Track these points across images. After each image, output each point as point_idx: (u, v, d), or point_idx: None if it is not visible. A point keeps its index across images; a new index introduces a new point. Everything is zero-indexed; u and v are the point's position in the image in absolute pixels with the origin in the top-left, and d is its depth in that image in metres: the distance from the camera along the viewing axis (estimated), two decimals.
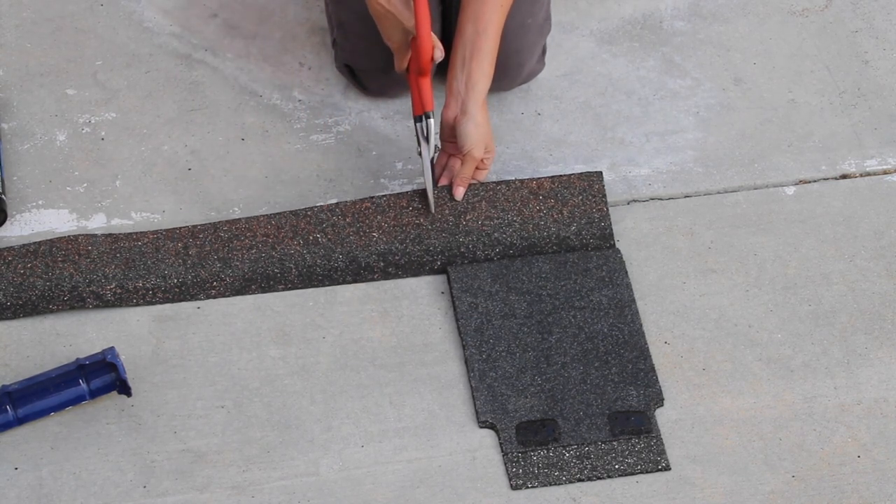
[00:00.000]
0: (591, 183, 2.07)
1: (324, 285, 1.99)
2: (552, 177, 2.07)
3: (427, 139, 1.99)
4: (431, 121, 1.99)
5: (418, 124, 2.00)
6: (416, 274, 2.00)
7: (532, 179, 2.07)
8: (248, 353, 1.93)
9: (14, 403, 1.83)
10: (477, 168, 2.04)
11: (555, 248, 2.03)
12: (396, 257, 2.00)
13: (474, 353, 1.93)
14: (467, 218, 2.03)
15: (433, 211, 2.02)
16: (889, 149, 2.20)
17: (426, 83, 1.99)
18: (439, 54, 1.99)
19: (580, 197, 2.06)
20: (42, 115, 2.19)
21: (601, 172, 2.08)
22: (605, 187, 2.09)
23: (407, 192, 2.05)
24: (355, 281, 1.99)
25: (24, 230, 2.05)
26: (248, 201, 2.10)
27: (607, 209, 2.05)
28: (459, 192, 2.03)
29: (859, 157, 2.18)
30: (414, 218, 2.02)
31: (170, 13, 2.33)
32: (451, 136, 2.03)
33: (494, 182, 2.06)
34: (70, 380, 1.84)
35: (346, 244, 2.00)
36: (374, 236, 2.01)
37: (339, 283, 1.99)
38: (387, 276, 1.99)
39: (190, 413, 1.87)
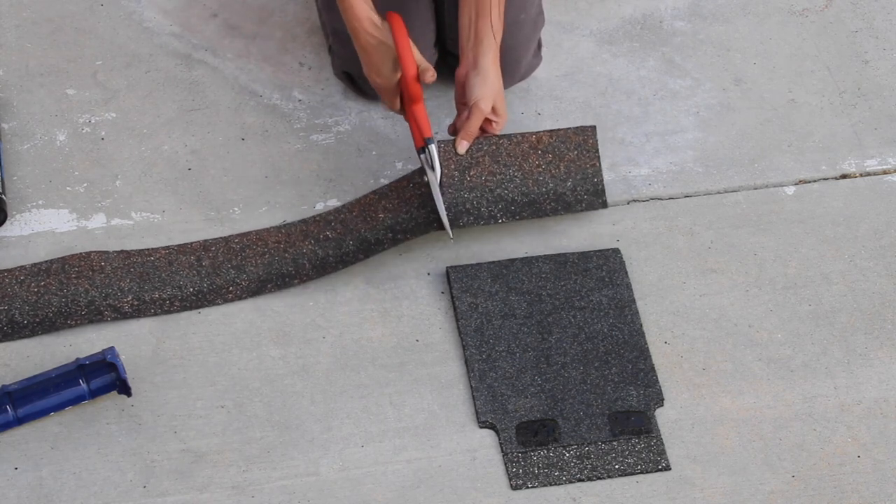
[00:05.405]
0: (586, 137, 2.07)
1: (337, 270, 1.99)
2: (550, 131, 2.06)
3: (432, 166, 1.98)
4: (433, 146, 1.97)
5: (422, 155, 1.98)
6: (424, 233, 1.99)
7: (531, 133, 2.05)
8: (248, 353, 1.93)
9: (14, 403, 1.83)
10: (484, 130, 2.02)
11: (553, 204, 2.03)
12: (403, 224, 1.99)
13: (474, 353, 1.93)
14: (471, 173, 2.01)
15: (452, 236, 2.00)
16: (889, 149, 2.20)
17: (420, 109, 1.98)
18: (430, 77, 1.98)
19: (575, 152, 2.05)
20: (42, 115, 2.19)
21: (595, 126, 2.07)
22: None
23: (407, 173, 2.04)
24: (367, 257, 1.99)
25: (24, 230, 2.05)
26: (248, 201, 2.09)
27: (600, 164, 2.06)
28: (462, 146, 2.00)
29: (859, 157, 2.18)
30: (416, 190, 2.01)
31: (170, 13, 2.33)
32: (462, 97, 2.02)
33: (497, 136, 2.04)
34: (70, 380, 1.84)
35: (355, 231, 2.00)
36: (380, 217, 2.00)
37: (351, 264, 1.99)
38: (396, 243, 1.99)
39: (190, 413, 1.87)
